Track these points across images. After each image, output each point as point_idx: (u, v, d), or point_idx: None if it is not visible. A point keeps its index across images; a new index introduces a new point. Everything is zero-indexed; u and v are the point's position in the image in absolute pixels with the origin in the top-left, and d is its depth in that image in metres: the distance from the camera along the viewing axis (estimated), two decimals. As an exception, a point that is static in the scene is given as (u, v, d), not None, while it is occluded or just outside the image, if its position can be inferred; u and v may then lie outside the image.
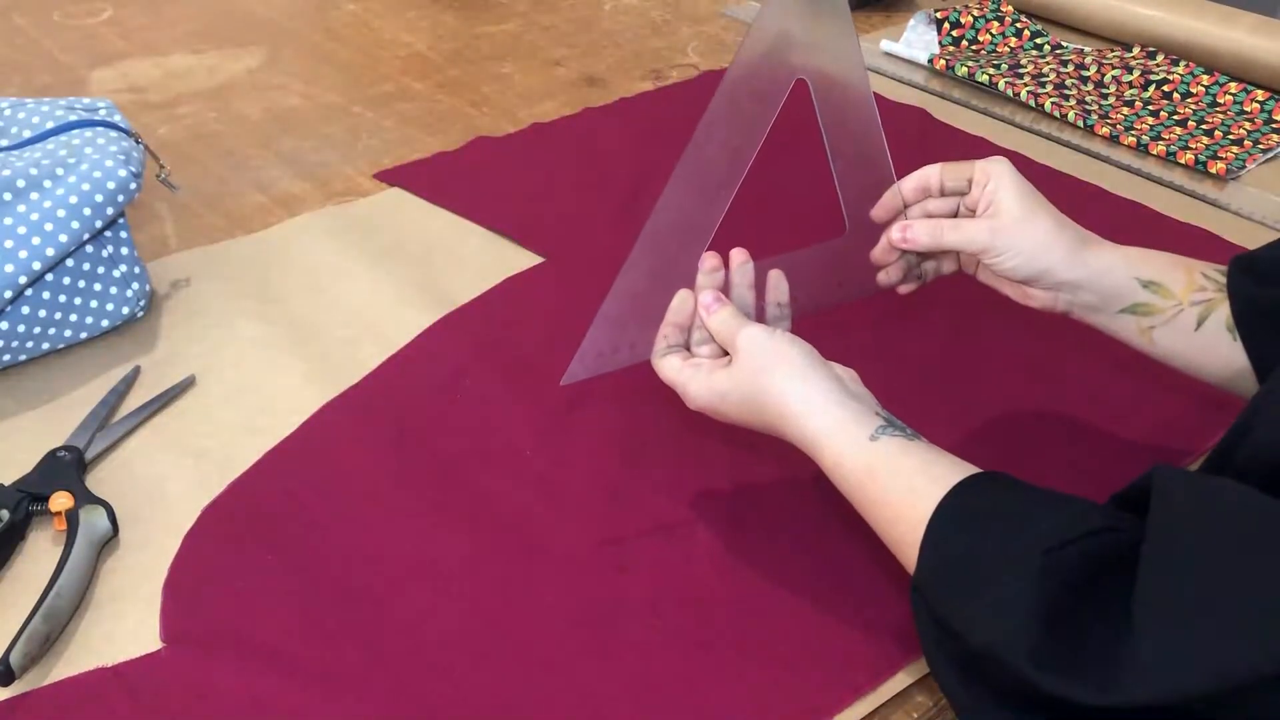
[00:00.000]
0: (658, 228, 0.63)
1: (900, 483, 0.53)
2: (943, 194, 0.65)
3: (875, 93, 0.68)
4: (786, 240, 0.67)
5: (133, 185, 0.74)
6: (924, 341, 0.62)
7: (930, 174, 0.65)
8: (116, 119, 0.79)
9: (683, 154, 0.63)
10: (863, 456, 0.55)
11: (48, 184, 0.71)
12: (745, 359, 0.59)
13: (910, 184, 0.66)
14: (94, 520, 0.62)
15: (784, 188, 0.91)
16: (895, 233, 0.65)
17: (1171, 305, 0.62)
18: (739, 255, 0.63)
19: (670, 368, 0.63)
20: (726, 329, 0.61)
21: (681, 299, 0.63)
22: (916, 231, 0.64)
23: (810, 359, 0.59)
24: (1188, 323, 0.61)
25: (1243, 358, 0.61)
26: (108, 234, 0.75)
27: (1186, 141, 1.06)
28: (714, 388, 0.60)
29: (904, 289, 0.69)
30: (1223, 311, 0.61)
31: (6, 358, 0.72)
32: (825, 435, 0.56)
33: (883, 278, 0.68)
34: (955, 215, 0.66)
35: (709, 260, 0.63)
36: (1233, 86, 1.13)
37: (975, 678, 0.49)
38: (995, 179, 0.63)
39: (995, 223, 0.62)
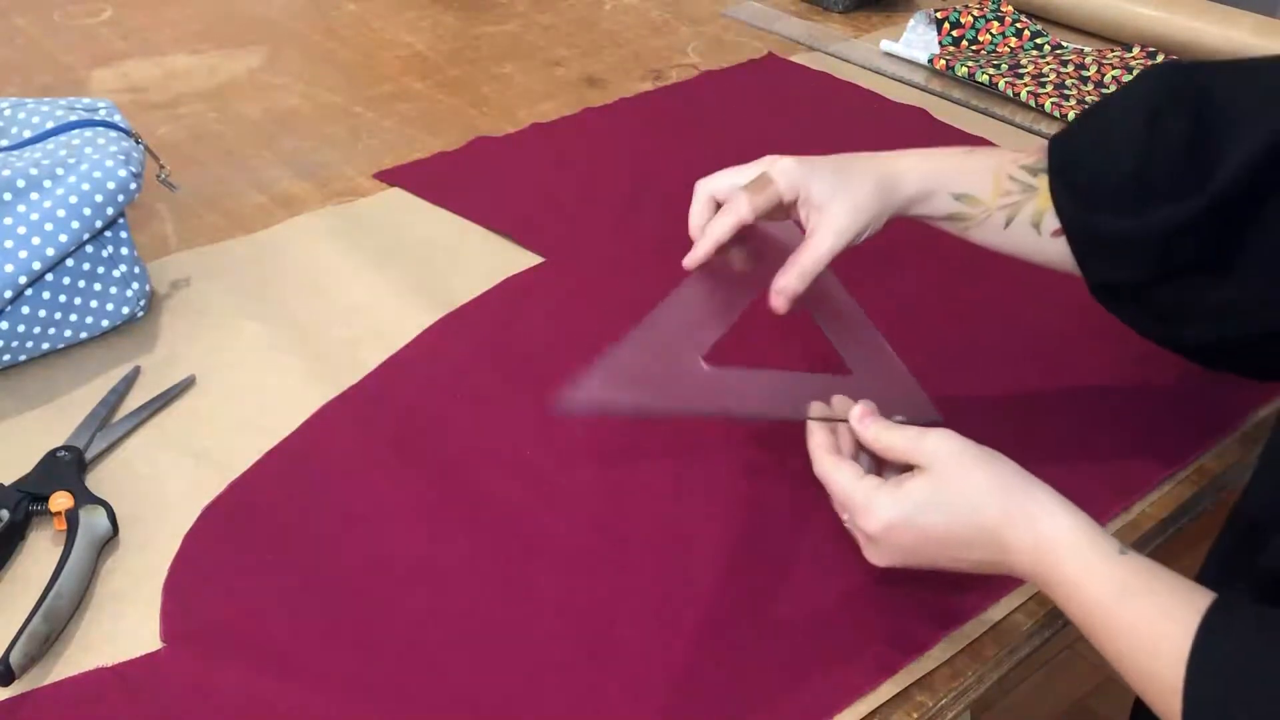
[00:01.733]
0: (661, 318, 0.62)
1: (1155, 606, 0.48)
2: (755, 216, 0.62)
3: (875, 93, 0.68)
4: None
5: (133, 185, 0.74)
6: (929, 335, 0.63)
7: (741, 209, 0.61)
8: (116, 119, 0.79)
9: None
10: (1114, 572, 0.49)
11: (48, 184, 0.71)
12: (948, 465, 0.53)
13: (724, 226, 0.62)
14: (94, 520, 0.62)
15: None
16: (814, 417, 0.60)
17: (981, 211, 0.65)
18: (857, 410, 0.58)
19: (846, 478, 0.55)
20: (899, 439, 0.55)
21: (819, 408, 0.60)
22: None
23: (1021, 469, 0.54)
24: (997, 223, 0.65)
25: (1051, 249, 0.65)
26: (108, 234, 0.75)
27: (1186, 141, 1.06)
28: (911, 498, 0.53)
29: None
30: (1028, 210, 0.65)
31: (6, 358, 0.72)
32: (1071, 544, 0.50)
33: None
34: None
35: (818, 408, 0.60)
36: (1233, 86, 1.13)
37: None
38: (798, 184, 0.62)
39: (830, 222, 0.61)
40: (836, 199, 0.62)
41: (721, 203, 0.64)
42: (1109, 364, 0.77)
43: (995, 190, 0.65)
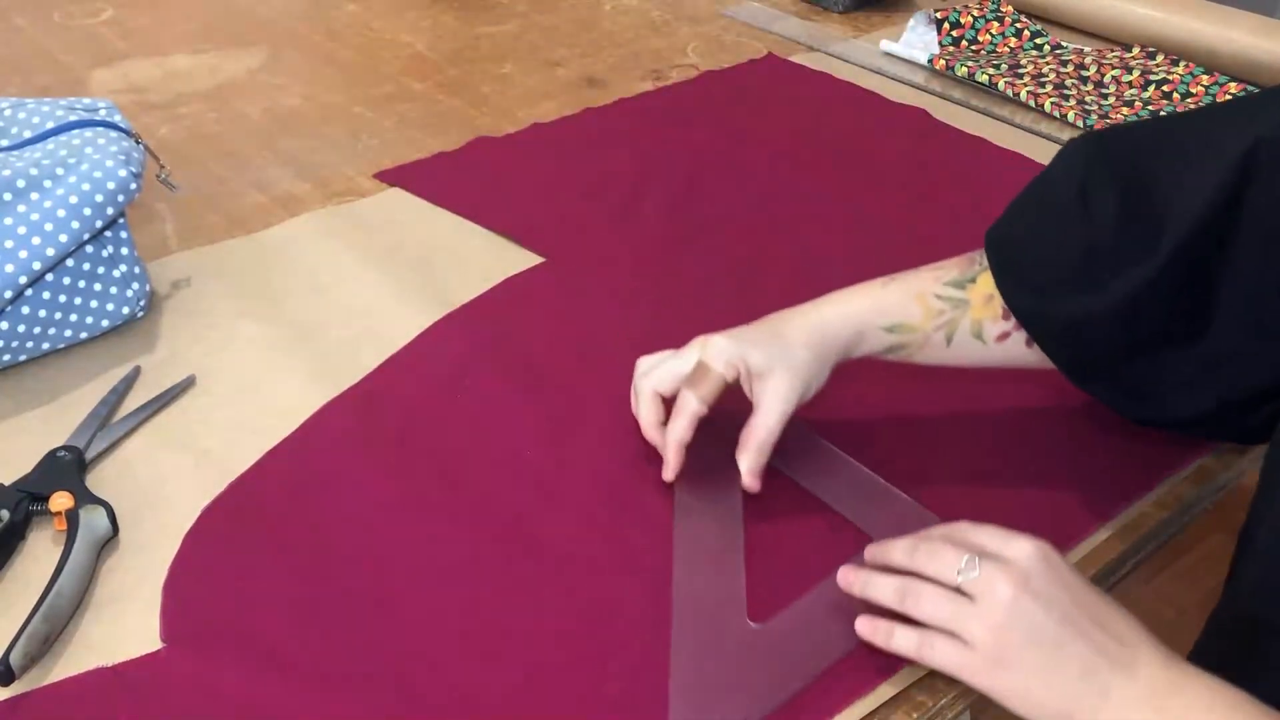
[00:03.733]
0: (687, 595, 0.60)
1: None
2: (707, 407, 0.65)
3: (875, 93, 0.68)
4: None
5: (133, 185, 0.74)
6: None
7: (692, 407, 0.64)
8: (116, 119, 0.79)
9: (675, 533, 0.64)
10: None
11: (48, 184, 0.71)
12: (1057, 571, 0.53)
13: (682, 429, 0.65)
14: (94, 520, 0.62)
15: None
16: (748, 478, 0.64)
17: (918, 337, 0.66)
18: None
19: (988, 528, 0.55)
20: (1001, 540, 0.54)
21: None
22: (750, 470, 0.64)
23: None
24: (938, 343, 0.66)
25: (1000, 353, 0.65)
26: (108, 234, 0.75)
27: (1186, 141, 1.06)
28: (1063, 560, 0.53)
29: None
30: (965, 324, 0.65)
31: (6, 358, 0.72)
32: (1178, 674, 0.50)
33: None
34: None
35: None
36: (1233, 86, 1.13)
37: None
38: (736, 362, 0.64)
39: (773, 391, 0.64)
40: (776, 368, 0.64)
41: (666, 397, 0.67)
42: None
43: (925, 313, 0.65)
